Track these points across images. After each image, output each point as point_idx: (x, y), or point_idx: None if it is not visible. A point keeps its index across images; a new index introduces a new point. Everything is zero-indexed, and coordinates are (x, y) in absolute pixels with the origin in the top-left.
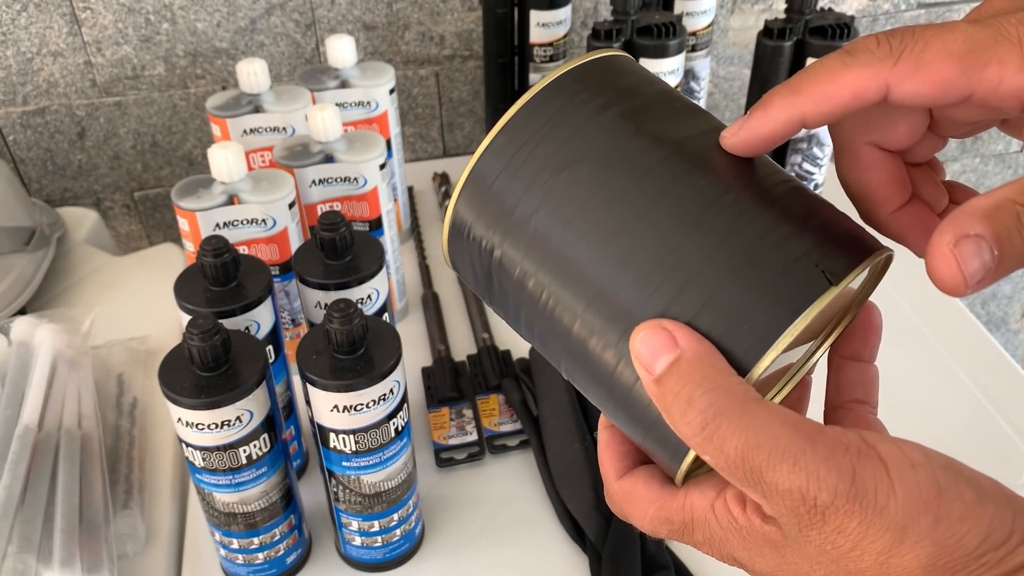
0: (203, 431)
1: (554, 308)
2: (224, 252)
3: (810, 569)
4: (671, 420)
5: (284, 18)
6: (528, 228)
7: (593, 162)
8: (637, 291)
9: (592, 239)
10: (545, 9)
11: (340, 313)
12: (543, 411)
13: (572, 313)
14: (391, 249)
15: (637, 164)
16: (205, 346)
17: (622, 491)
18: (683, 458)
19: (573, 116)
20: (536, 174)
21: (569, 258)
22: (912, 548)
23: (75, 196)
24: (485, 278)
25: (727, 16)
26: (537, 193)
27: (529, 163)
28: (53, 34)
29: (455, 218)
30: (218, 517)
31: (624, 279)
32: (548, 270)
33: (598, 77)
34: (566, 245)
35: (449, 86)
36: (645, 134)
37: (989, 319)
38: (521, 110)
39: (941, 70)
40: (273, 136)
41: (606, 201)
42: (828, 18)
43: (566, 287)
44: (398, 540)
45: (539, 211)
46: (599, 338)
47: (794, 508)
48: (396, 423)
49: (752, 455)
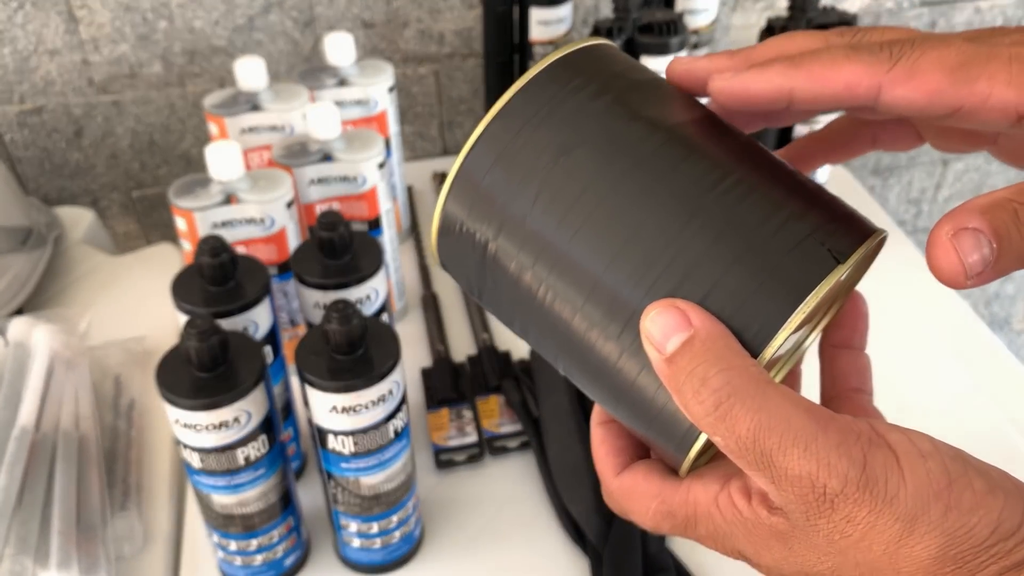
0: (201, 432)
1: (552, 301)
2: (222, 252)
3: (817, 560)
4: (682, 400)
5: (282, 16)
6: (524, 218)
7: (590, 148)
8: (640, 279)
9: (592, 227)
10: (546, 7)
11: (339, 313)
12: (543, 412)
13: (572, 306)
14: (390, 249)
15: (635, 150)
16: (203, 347)
17: (622, 488)
18: (691, 445)
19: (568, 103)
20: (533, 161)
21: (568, 248)
22: (922, 538)
23: (72, 195)
24: (478, 274)
25: (729, 14)
26: (534, 181)
27: (524, 151)
28: (50, 32)
29: (446, 213)
30: (216, 519)
31: (626, 268)
32: (546, 261)
33: (589, 64)
34: (564, 235)
35: (449, 84)
36: (641, 119)
37: (992, 320)
38: (515, 97)
39: (932, 80)
40: (271, 135)
41: (605, 188)
42: (831, 16)
43: (565, 278)
44: (397, 542)
45: (536, 200)
46: (600, 330)
47: (803, 495)
48: (395, 424)
49: (764, 437)
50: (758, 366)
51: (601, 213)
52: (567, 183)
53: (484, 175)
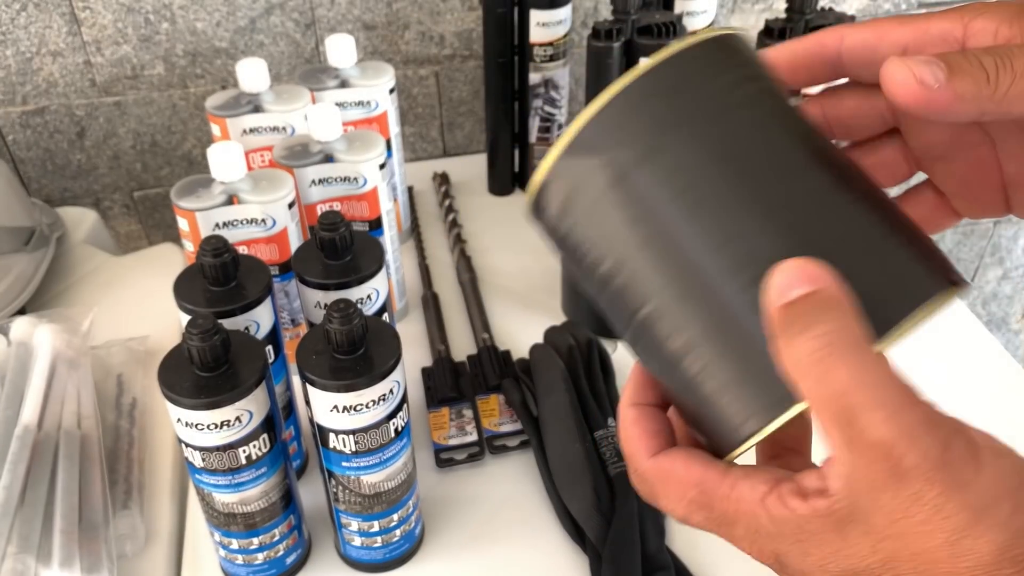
0: (203, 431)
1: (681, 240)
2: (224, 252)
3: (871, 551)
4: (782, 340)
5: (284, 18)
6: (687, 147)
7: (761, 112)
8: (786, 240)
9: (752, 180)
10: (545, 8)
11: (340, 313)
12: (543, 411)
13: (703, 248)
14: (391, 249)
15: (790, 132)
16: (204, 346)
17: (658, 469)
18: (781, 412)
19: (745, 69)
20: (703, 103)
21: (723, 190)
22: (986, 532)
23: (74, 196)
24: (590, 200)
25: (727, 16)
26: (698, 124)
27: (695, 92)
28: (52, 34)
29: (586, 131)
30: (217, 517)
31: (774, 227)
32: (690, 198)
33: (742, 50)
34: (723, 177)
35: (449, 86)
36: (792, 114)
37: (990, 319)
38: (695, 47)
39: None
40: (273, 136)
41: (764, 151)
42: (828, 18)
43: (706, 220)
44: (398, 540)
45: (695, 139)
46: (727, 277)
47: (874, 463)
48: (396, 423)
49: (853, 392)
50: (868, 332)
51: (758, 173)
52: (737, 133)
53: (643, 103)
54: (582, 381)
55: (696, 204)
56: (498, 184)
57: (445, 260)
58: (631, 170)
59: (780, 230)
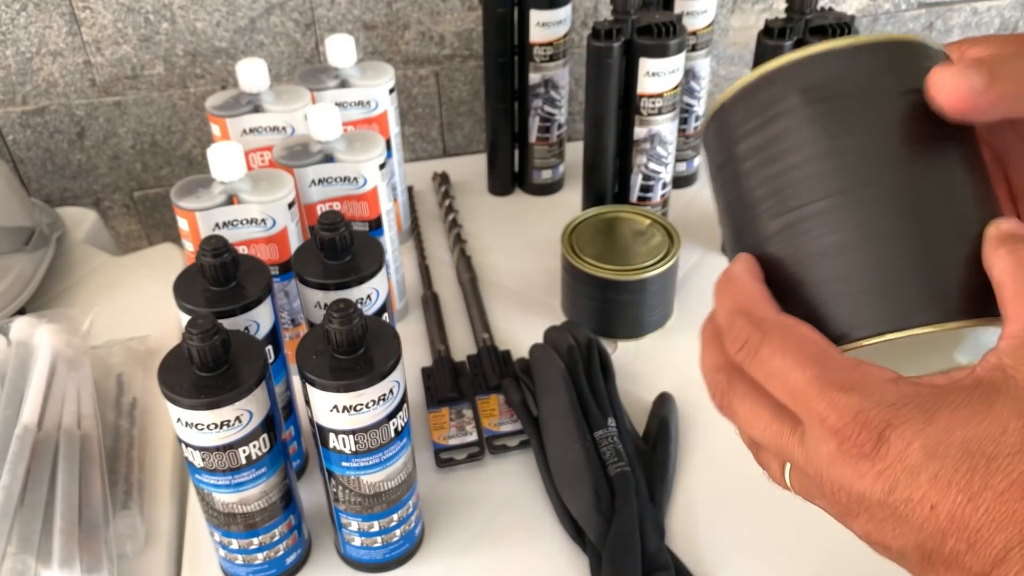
0: (202, 431)
1: (864, 162)
2: (223, 252)
3: (1021, 425)
4: (1005, 248)
5: (284, 17)
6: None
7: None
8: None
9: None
10: (545, 8)
11: (340, 313)
12: (543, 411)
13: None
14: (391, 249)
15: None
16: (204, 346)
17: (781, 323)
18: (953, 317)
19: (882, 79)
20: (867, 84)
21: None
22: None
23: (74, 196)
24: (792, 107)
25: (727, 15)
26: (875, 96)
27: (851, 75)
28: (52, 34)
29: (785, 64)
30: (217, 517)
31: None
32: (893, 138)
33: (900, 54)
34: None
35: (449, 86)
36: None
37: None
38: (857, 47)
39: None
40: (273, 136)
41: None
42: (828, 17)
43: (905, 158)
44: (398, 540)
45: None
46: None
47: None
48: (396, 423)
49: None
50: None
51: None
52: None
53: (821, 66)
54: (582, 381)
55: (899, 143)
56: (498, 184)
57: (445, 260)
58: (841, 101)
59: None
